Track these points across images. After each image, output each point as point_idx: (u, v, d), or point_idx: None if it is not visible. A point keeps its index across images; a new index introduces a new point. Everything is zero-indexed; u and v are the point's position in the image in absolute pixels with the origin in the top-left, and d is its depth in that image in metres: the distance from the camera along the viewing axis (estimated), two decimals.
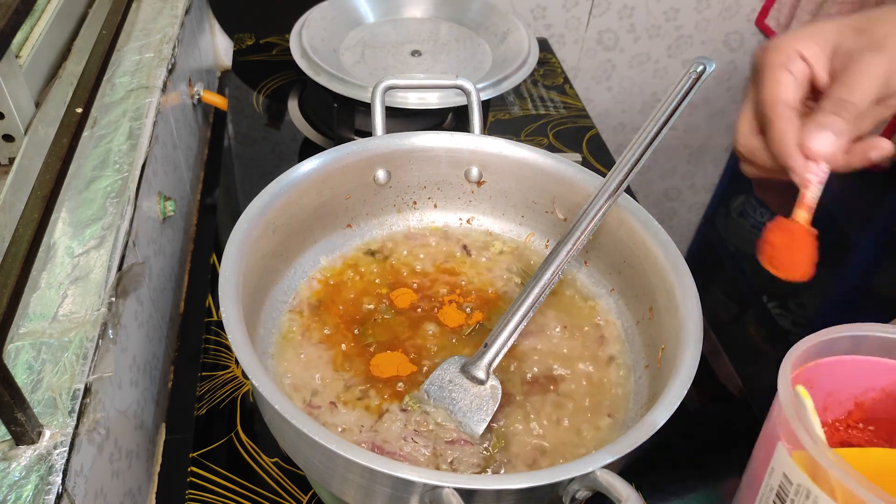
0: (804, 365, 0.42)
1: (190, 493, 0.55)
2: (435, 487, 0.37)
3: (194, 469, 0.57)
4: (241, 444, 0.59)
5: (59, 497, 0.39)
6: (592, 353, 0.55)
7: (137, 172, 0.60)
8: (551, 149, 0.91)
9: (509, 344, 0.50)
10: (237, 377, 0.64)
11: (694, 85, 0.53)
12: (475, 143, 0.61)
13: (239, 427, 0.60)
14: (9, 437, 0.40)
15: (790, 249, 0.45)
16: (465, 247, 0.63)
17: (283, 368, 0.52)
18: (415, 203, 0.64)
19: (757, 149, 0.51)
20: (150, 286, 0.65)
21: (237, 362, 0.64)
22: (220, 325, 0.66)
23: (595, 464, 0.38)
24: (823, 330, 0.43)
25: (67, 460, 0.40)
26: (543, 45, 1.18)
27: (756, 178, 0.53)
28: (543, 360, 0.54)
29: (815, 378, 0.43)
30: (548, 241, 0.63)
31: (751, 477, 0.44)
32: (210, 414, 0.61)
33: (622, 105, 1.44)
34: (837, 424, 0.46)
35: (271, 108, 0.98)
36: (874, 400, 0.45)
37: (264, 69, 1.05)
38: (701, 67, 0.53)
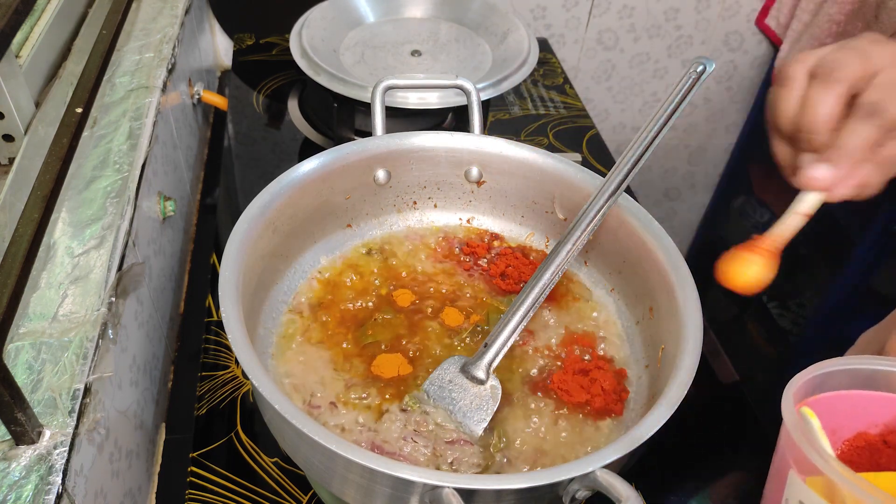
0: (803, 401, 0.42)
1: (190, 493, 0.55)
2: (435, 487, 0.37)
3: (194, 469, 0.57)
4: (241, 444, 0.59)
5: (59, 497, 0.39)
6: (592, 353, 0.55)
7: (137, 172, 0.60)
8: (551, 149, 0.91)
9: (509, 344, 0.50)
10: (237, 377, 0.64)
11: (694, 85, 0.53)
12: (475, 143, 0.61)
13: (239, 427, 0.60)
14: (9, 437, 0.40)
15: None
16: (465, 246, 0.63)
17: (284, 368, 0.52)
18: (415, 203, 0.64)
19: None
20: (150, 286, 0.65)
21: (237, 362, 0.64)
22: (220, 325, 0.66)
23: (595, 464, 0.38)
24: (818, 364, 0.42)
25: (67, 460, 0.40)
26: (543, 45, 1.18)
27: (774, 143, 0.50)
28: (543, 360, 0.54)
29: (817, 413, 0.42)
30: (548, 241, 0.63)
31: None
32: (210, 414, 0.61)
33: (622, 105, 1.44)
34: (844, 456, 0.45)
35: (271, 108, 0.99)
36: (880, 434, 0.44)
37: (264, 69, 1.05)
38: (701, 67, 0.53)
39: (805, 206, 0.47)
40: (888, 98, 0.43)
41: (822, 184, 0.45)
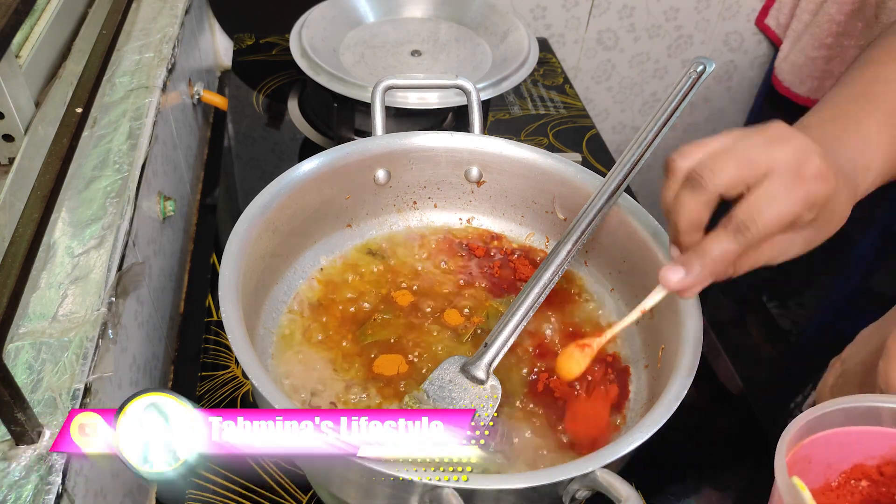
0: (799, 443, 0.42)
1: (190, 493, 0.55)
2: (435, 487, 0.37)
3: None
4: None
5: (59, 497, 0.39)
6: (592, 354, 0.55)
7: (137, 172, 0.60)
8: (551, 149, 0.91)
9: (509, 344, 0.50)
10: (237, 377, 0.64)
11: (694, 85, 0.53)
12: (475, 142, 0.61)
13: None
14: (9, 437, 0.40)
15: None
16: (464, 247, 0.63)
17: (283, 369, 0.52)
18: (415, 203, 0.64)
19: None
20: (150, 286, 0.65)
21: (237, 362, 0.64)
22: (220, 325, 0.66)
23: (595, 464, 0.38)
24: (812, 408, 0.42)
25: (67, 460, 0.40)
26: (543, 45, 1.18)
27: None
28: (543, 360, 0.54)
29: (811, 453, 0.42)
30: (548, 241, 0.63)
31: None
32: None
33: (622, 105, 1.44)
34: (843, 486, 0.45)
35: (271, 108, 0.98)
36: (876, 465, 0.44)
37: (264, 69, 1.05)
38: (701, 67, 0.53)
39: (651, 302, 0.46)
40: (758, 216, 0.41)
41: (674, 287, 0.44)
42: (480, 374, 0.49)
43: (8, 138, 0.61)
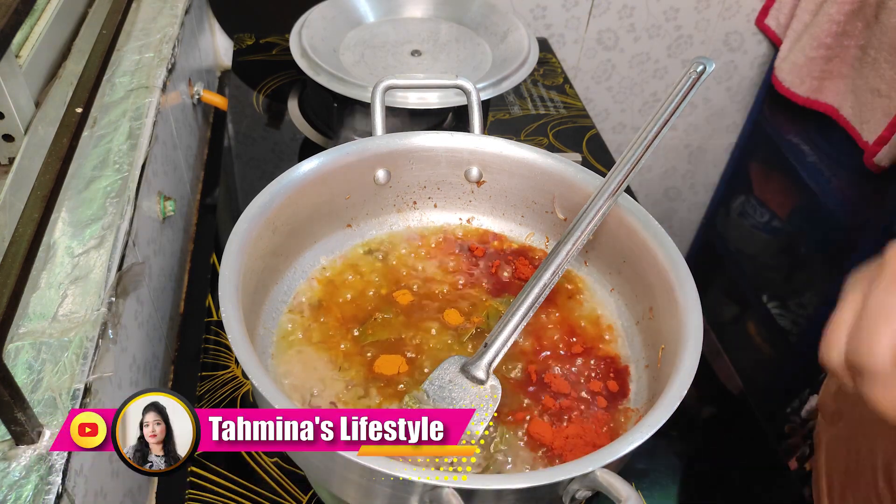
0: None
1: (190, 493, 0.55)
2: (435, 487, 0.37)
3: (194, 469, 0.57)
4: None
5: (59, 497, 0.39)
6: (592, 353, 0.55)
7: (137, 172, 0.60)
8: (551, 149, 0.91)
9: (509, 344, 0.50)
10: (237, 377, 0.64)
11: (694, 85, 0.53)
12: (475, 142, 0.61)
13: None
14: (9, 437, 0.40)
15: None
16: (464, 247, 0.63)
17: (283, 368, 0.52)
18: (415, 203, 0.64)
19: None
20: (150, 286, 0.65)
21: (237, 362, 0.64)
22: (220, 325, 0.66)
23: (595, 464, 0.38)
24: None
25: (67, 460, 0.40)
26: (543, 45, 1.18)
27: None
28: (543, 359, 0.54)
29: None
30: (548, 241, 0.63)
31: None
32: None
33: (622, 105, 1.44)
34: None
35: (271, 108, 0.99)
36: None
37: (264, 69, 1.05)
38: (701, 67, 0.53)
39: None
40: None
41: None
42: (480, 374, 0.49)
43: (8, 138, 0.61)
